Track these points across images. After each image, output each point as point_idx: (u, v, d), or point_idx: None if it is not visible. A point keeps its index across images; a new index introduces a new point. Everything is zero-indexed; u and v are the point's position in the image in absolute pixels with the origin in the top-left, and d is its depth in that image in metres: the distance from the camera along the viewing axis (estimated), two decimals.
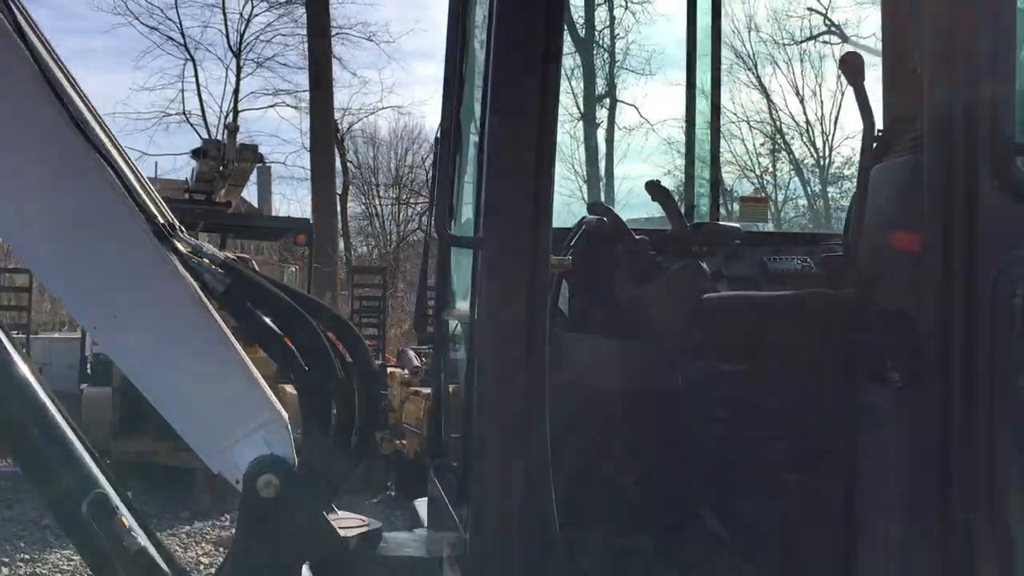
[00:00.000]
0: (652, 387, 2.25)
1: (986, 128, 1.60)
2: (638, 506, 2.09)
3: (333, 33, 26.10)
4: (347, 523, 2.36)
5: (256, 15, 30.78)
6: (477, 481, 1.74)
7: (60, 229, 2.16)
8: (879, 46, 2.12)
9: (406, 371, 10.87)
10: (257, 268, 3.69)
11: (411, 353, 11.31)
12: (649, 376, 2.27)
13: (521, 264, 1.63)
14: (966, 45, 1.63)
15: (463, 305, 2.22)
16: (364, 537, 2.36)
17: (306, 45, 26.10)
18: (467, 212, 2.26)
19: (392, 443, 9.06)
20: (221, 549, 7.04)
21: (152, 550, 2.21)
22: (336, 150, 28.20)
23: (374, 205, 43.95)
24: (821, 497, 1.87)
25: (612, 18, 32.14)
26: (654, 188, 2.62)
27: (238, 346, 2.26)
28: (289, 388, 2.58)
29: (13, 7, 2.16)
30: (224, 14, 30.83)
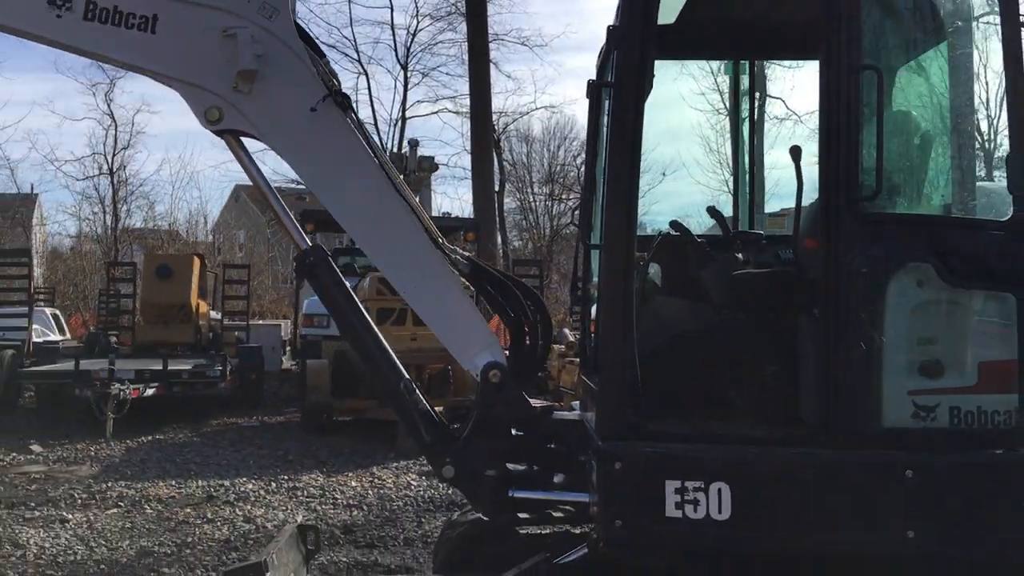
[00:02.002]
0: (702, 325, 4.05)
1: (843, 181, 3.32)
2: (692, 385, 3.90)
3: (490, 39, 28.03)
4: (534, 401, 4.28)
5: (421, 29, 33.42)
6: (600, 363, 3.60)
7: (389, 238, 4.15)
8: None
9: (563, 346, 12.87)
10: None
11: (566, 331, 13.27)
12: (700, 318, 4.07)
13: (619, 257, 3.47)
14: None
15: (596, 278, 4.08)
16: (544, 409, 4.27)
17: (467, 55, 28.17)
18: (597, 227, 4.13)
19: None
20: (424, 479, 9.05)
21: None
22: (493, 150, 30.20)
23: (528, 200, 45.95)
24: (782, 363, 3.65)
25: None
26: (712, 211, 4.41)
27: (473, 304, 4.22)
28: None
29: (354, 116, 4.17)
30: (393, 31, 33.62)
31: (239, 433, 11.80)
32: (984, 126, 3.90)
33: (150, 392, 11.92)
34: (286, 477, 8.96)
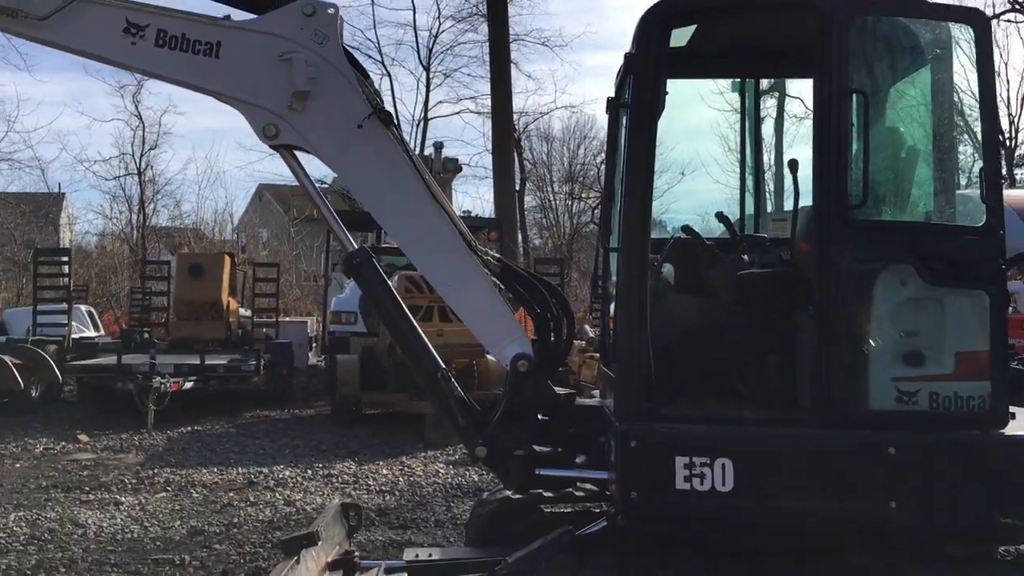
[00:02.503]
0: (710, 320, 4.48)
1: (834, 192, 3.75)
2: (701, 373, 4.34)
3: (511, 39, 28.40)
4: (558, 389, 4.73)
5: (443, 31, 33.91)
6: (618, 354, 4.04)
7: (427, 242, 4.60)
8: None
9: (583, 342, 13.33)
10: None
11: (587, 327, 13.71)
12: (709, 313, 4.50)
13: (635, 259, 3.91)
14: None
15: (614, 278, 4.52)
16: (567, 396, 4.72)
17: (488, 56, 28.55)
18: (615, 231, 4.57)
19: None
20: (451, 467, 9.52)
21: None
22: (514, 150, 30.61)
23: (548, 199, 46.33)
24: (784, 351, 4.08)
25: None
26: (720, 216, 4.85)
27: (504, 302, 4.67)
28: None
29: (395, 131, 4.63)
30: (415, 32, 34.14)
31: (272, 425, 12.31)
32: (962, 141, 4.32)
33: (188, 385, 12.47)
34: (320, 465, 9.45)
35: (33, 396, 12.80)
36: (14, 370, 4.68)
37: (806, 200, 4.14)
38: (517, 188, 31.92)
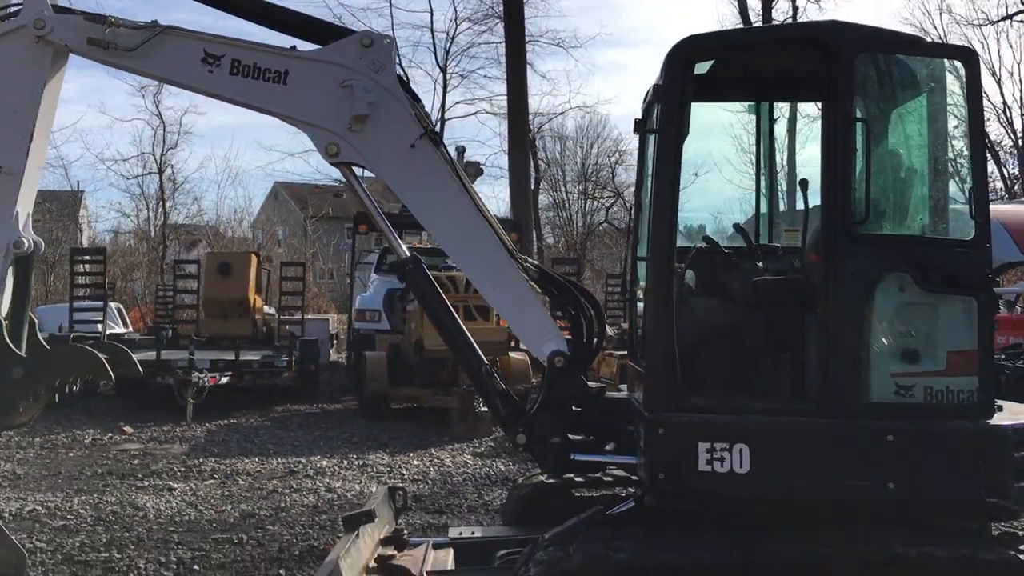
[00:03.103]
0: (728, 321, 4.98)
1: (840, 209, 4.24)
2: (720, 368, 4.84)
3: (526, 40, 28.83)
4: (591, 384, 5.24)
5: (459, 33, 34.42)
6: (647, 351, 4.55)
7: (473, 250, 5.11)
8: None
9: None
10: None
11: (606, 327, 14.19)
12: (727, 315, 5.00)
13: (662, 265, 4.42)
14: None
15: (643, 283, 5.02)
16: (598, 389, 5.23)
17: (503, 57, 28.98)
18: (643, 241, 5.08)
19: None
20: (478, 459, 10.04)
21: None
22: (529, 151, 31.08)
23: (561, 198, 46.78)
24: (794, 349, 4.57)
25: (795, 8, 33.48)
26: (737, 228, 5.36)
27: (542, 304, 5.18)
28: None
29: (444, 150, 5.14)
30: (432, 34, 34.65)
31: (304, 418, 12.87)
32: (954, 164, 4.80)
33: (224, 380, 13.04)
34: (355, 456, 9.99)
35: (74, 389, 13.38)
36: (106, 364, 5.15)
37: (813, 214, 4.64)
38: (532, 187, 32.37)
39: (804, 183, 4.65)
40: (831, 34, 4.33)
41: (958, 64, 4.33)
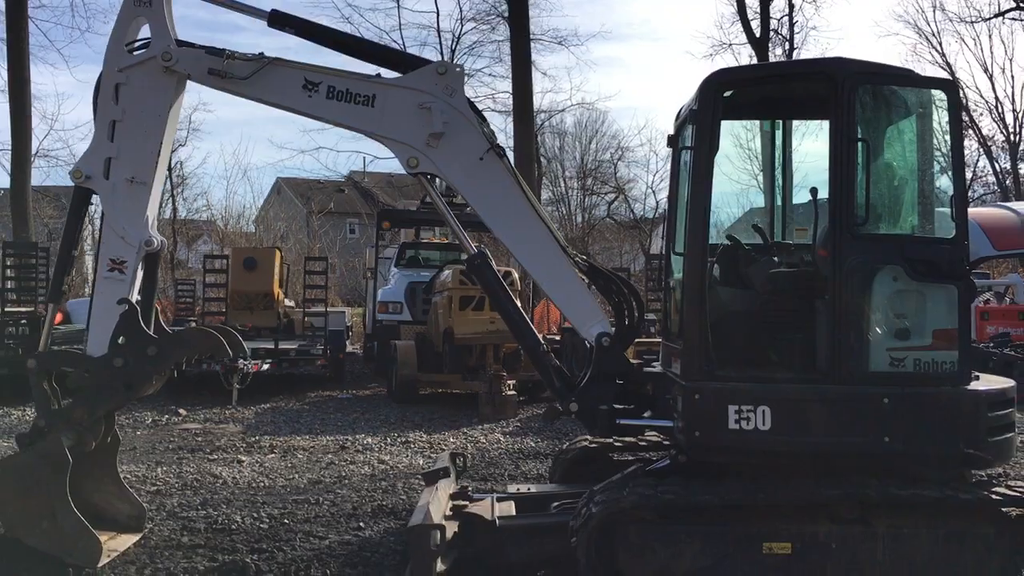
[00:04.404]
0: (749, 307, 5.91)
1: (844, 212, 5.16)
2: (744, 345, 5.77)
3: (530, 38, 29.52)
4: (631, 358, 6.17)
5: (465, 32, 35.27)
6: (683, 327, 5.47)
7: (532, 247, 6.01)
8: None
9: None
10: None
11: None
12: (748, 302, 5.93)
13: (697, 261, 5.34)
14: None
15: (678, 275, 5.93)
16: (639, 365, 6.16)
17: (507, 56, 29.69)
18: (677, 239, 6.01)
19: None
20: (509, 436, 10.95)
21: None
22: (534, 148, 31.88)
23: (561, 192, 47.67)
24: (803, 331, 5.50)
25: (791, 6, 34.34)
26: (755, 228, 6.29)
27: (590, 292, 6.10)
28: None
29: (508, 161, 6.05)
30: (439, 34, 35.50)
31: (338, 403, 13.77)
32: (939, 174, 5.73)
33: (265, 367, 13.95)
34: (396, 434, 10.90)
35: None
36: (225, 343, 6.01)
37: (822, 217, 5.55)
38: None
39: (814, 191, 5.57)
40: (836, 68, 5.25)
41: (941, 93, 5.26)
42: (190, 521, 6.78)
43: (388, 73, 6.18)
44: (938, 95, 5.29)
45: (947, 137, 5.30)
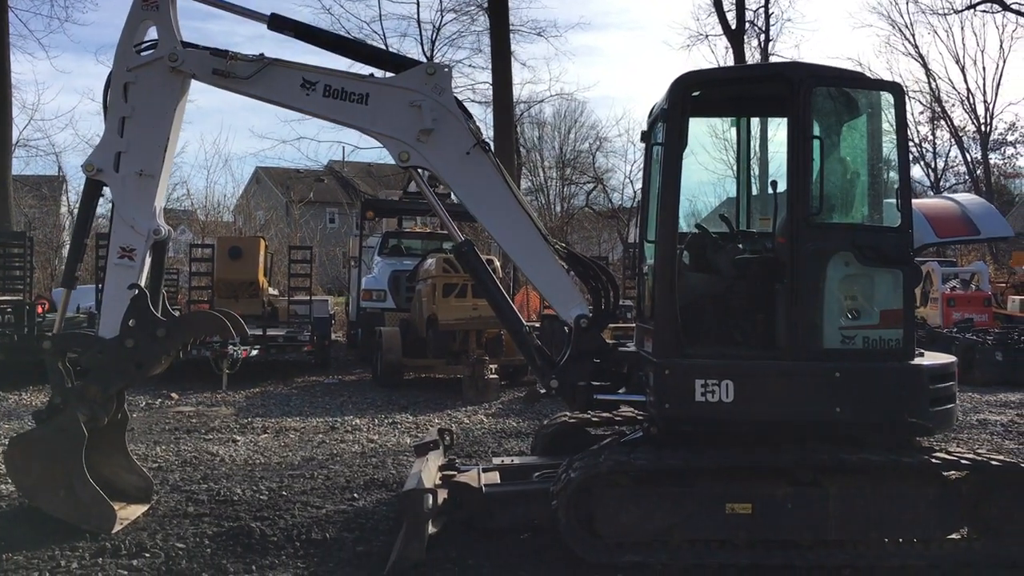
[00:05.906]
0: (716, 290, 6.41)
1: (801, 203, 5.66)
2: (710, 325, 6.26)
3: (510, 29, 29.96)
4: (607, 338, 6.66)
5: (445, 23, 35.61)
6: (655, 310, 5.96)
7: (515, 235, 6.47)
8: None
9: None
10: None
11: None
12: (715, 285, 6.43)
13: (667, 248, 5.82)
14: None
15: (650, 262, 6.42)
16: (614, 344, 6.65)
17: (486, 46, 30.10)
18: (649, 227, 6.49)
19: None
20: (491, 417, 11.43)
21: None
22: (514, 138, 32.34)
23: (540, 182, 48.09)
24: (765, 312, 6.00)
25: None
26: (722, 218, 6.81)
27: (569, 276, 6.58)
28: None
29: (493, 156, 6.51)
30: (419, 25, 35.82)
31: (325, 388, 14.20)
32: (887, 168, 6.25)
33: (254, 353, 14.36)
34: (383, 416, 11.36)
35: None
36: (229, 325, 6.40)
37: (781, 207, 6.05)
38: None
39: (774, 183, 6.07)
40: (793, 72, 5.75)
41: (889, 95, 5.78)
42: (193, 494, 7.20)
43: (381, 73, 6.63)
44: (886, 96, 5.80)
45: (894, 135, 5.81)
